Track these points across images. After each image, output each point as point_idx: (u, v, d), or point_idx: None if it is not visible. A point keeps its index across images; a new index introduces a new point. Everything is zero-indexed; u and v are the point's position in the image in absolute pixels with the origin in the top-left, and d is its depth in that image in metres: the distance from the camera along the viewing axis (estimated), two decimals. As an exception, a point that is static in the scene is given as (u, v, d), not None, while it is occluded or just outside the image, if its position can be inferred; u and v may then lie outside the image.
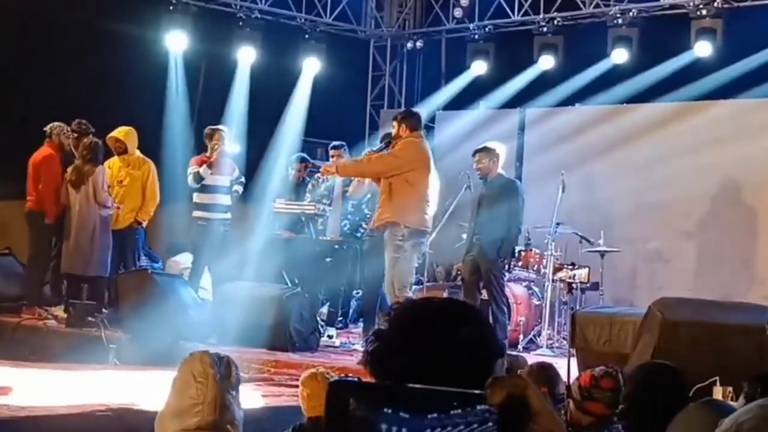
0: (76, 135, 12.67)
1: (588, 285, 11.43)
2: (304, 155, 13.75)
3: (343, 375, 6.36)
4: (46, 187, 12.51)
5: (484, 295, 11.18)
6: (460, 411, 1.86)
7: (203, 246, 12.53)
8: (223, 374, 3.66)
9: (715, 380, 7.25)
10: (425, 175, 10.28)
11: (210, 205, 12.53)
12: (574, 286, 8.95)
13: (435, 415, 1.85)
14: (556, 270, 9.55)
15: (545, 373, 5.82)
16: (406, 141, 10.29)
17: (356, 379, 1.96)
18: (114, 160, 12.76)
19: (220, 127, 12.84)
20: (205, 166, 12.39)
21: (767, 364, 5.25)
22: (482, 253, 11.00)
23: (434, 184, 10.49)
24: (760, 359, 6.85)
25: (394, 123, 10.54)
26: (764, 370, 5.50)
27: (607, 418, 4.96)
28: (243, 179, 12.87)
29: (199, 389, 3.61)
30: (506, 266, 11.57)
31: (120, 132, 12.62)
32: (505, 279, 11.50)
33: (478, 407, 1.87)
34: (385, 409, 1.84)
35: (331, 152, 12.73)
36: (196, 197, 12.63)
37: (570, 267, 9.05)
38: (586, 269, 8.82)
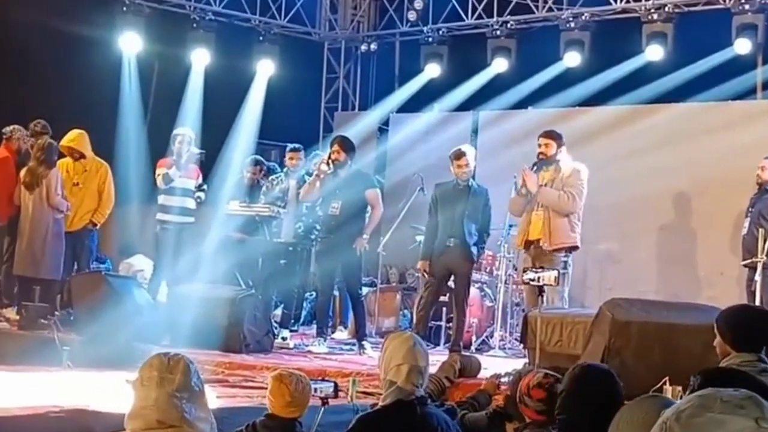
0: (31, 134, 12.58)
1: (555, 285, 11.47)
2: (259, 157, 13.76)
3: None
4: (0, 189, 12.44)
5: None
6: None
7: (168, 249, 12.52)
8: (167, 378, 3.67)
9: (666, 380, 7.34)
10: None
11: (177, 207, 12.52)
12: (544, 289, 8.99)
13: None
14: (523, 271, 9.57)
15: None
16: (582, 171, 10.70)
17: None
18: (67, 161, 12.64)
19: (186, 130, 12.85)
20: (174, 167, 12.38)
21: (715, 363, 5.31)
22: (461, 256, 11.03)
23: None
24: (709, 358, 6.93)
25: (549, 141, 10.66)
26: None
27: (543, 423, 4.99)
28: (206, 186, 12.86)
29: (144, 393, 3.65)
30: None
31: (71, 140, 12.47)
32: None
33: None
34: None
35: (288, 155, 12.75)
36: (163, 199, 12.60)
37: (538, 270, 9.07)
38: (555, 272, 8.86)
